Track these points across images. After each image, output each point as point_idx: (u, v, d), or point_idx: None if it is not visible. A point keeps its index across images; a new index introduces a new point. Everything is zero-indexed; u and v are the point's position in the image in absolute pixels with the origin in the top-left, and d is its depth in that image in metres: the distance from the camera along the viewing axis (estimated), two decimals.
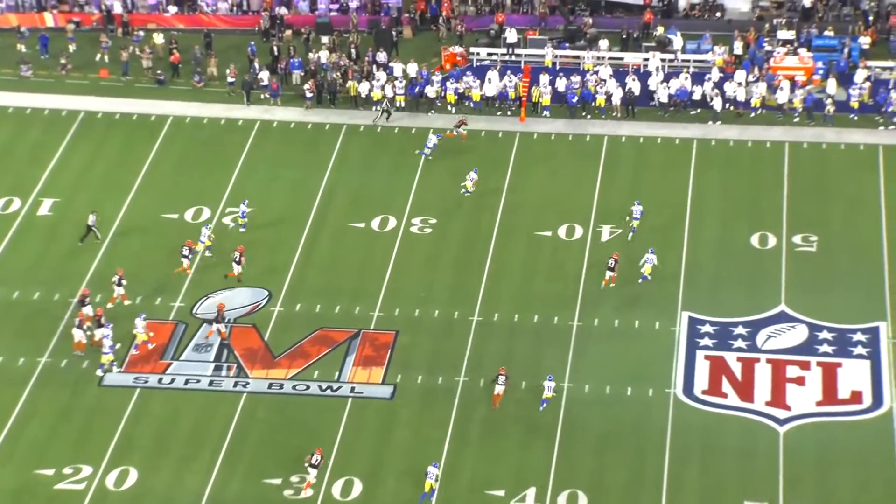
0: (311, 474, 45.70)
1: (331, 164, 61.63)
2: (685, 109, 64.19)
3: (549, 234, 57.20)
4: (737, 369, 50.35)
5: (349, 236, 57.49)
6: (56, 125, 64.35)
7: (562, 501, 45.36)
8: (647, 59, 66.44)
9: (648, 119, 64.02)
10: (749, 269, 54.98)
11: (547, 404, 48.60)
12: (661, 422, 48.07)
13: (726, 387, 49.61)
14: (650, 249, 54.35)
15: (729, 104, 63.82)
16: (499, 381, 48.88)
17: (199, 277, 55.05)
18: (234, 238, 56.58)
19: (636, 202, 57.02)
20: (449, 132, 62.42)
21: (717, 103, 63.60)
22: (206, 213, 58.53)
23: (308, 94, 65.03)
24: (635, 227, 56.38)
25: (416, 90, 65.28)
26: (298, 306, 53.84)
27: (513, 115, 64.75)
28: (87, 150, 62.90)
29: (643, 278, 53.90)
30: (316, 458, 45.78)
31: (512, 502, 45.45)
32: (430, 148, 61.17)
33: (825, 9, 70.71)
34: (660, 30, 69.08)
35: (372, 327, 52.77)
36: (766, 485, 45.86)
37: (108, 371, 50.46)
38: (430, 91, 64.93)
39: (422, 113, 64.83)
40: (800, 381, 49.80)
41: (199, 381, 50.53)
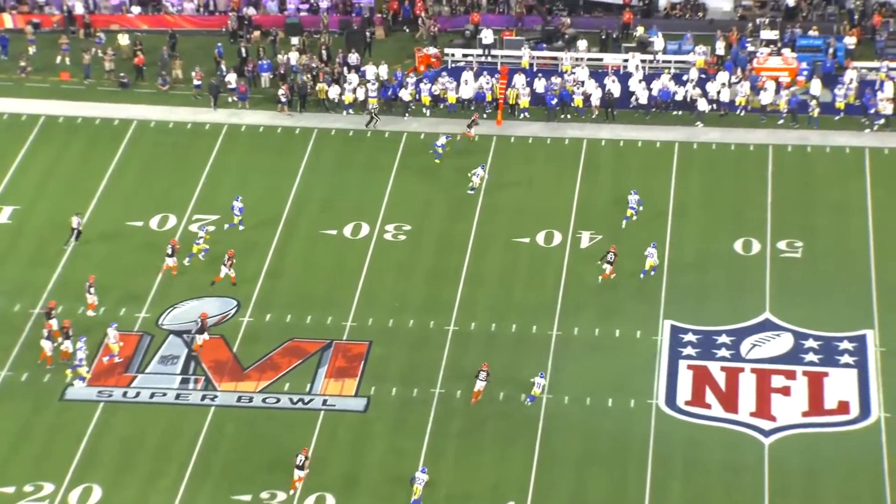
0: (297, 475, 45.97)
1: (301, 170, 61.58)
2: (668, 111, 64.43)
3: (527, 240, 57.27)
4: (721, 379, 50.47)
5: (321, 244, 57.43)
6: (15, 130, 64.08)
7: None
8: (626, 60, 66.64)
9: (629, 121, 64.20)
10: (733, 276, 55.16)
11: (532, 401, 48.84)
12: (643, 434, 48.15)
13: (710, 397, 49.72)
14: (652, 244, 54.68)
15: (713, 104, 64.03)
16: (479, 377, 49.10)
17: (166, 287, 54.91)
18: (230, 240, 56.46)
19: (633, 191, 57.51)
20: (465, 131, 62.44)
21: (701, 104, 63.84)
22: (172, 221, 58.39)
23: (283, 99, 64.88)
24: (629, 216, 57.05)
25: (390, 93, 65.31)
26: (268, 316, 53.75)
27: (489, 118, 64.84)
28: (48, 155, 62.65)
29: (644, 273, 54.24)
30: (300, 459, 45.97)
31: None
32: (441, 147, 61.14)
33: (809, 8, 70.99)
34: (640, 30, 69.31)
35: (344, 338, 52.71)
36: (751, 498, 45.93)
37: (70, 384, 50.24)
38: (404, 94, 64.98)
39: (396, 116, 64.86)
40: (785, 391, 49.95)
41: (165, 395, 50.38)
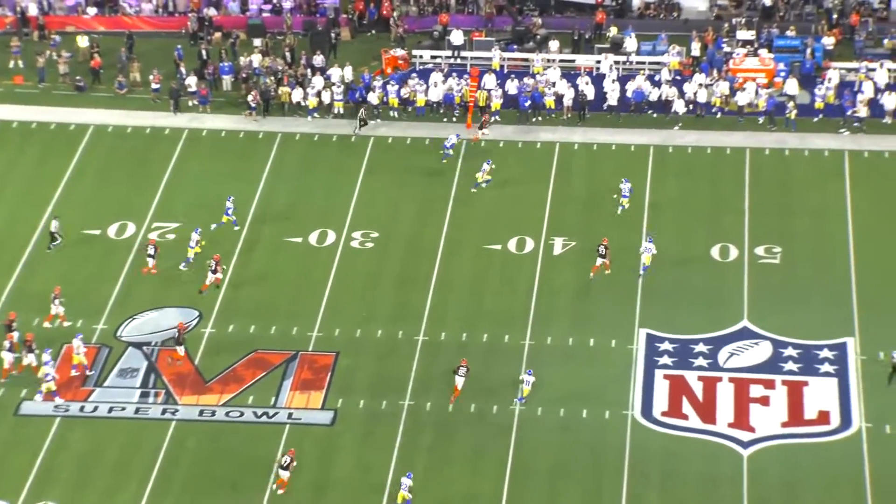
0: (284, 475, 46.22)
1: (265, 176, 61.48)
2: (643, 112, 64.56)
3: (498, 247, 57.35)
4: (698, 389, 50.63)
5: (285, 252, 57.35)
6: None
7: None
8: (599, 62, 66.82)
9: (602, 124, 64.36)
10: (710, 282, 55.35)
11: (523, 402, 49.14)
12: (619, 446, 48.24)
13: (687, 408, 49.88)
14: (648, 238, 54.83)
15: (690, 105, 64.19)
16: (459, 373, 49.38)
17: (124, 297, 54.73)
18: (224, 241, 56.58)
19: (624, 179, 57.92)
20: (475, 135, 62.51)
21: (678, 105, 64.02)
22: (130, 229, 58.21)
23: (252, 104, 64.61)
24: (623, 205, 57.76)
25: (357, 95, 65.27)
26: (231, 327, 53.64)
27: (458, 122, 64.91)
28: (1, 161, 62.38)
29: (644, 269, 54.65)
30: (285, 460, 46.17)
31: None
32: (450, 147, 61.22)
33: (786, 7, 71.35)
34: (613, 30, 69.51)
35: (310, 349, 52.65)
36: None
37: (29, 398, 50.13)
38: (372, 98, 64.83)
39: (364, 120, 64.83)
40: (764, 401, 50.14)
41: (124, 409, 50.19)
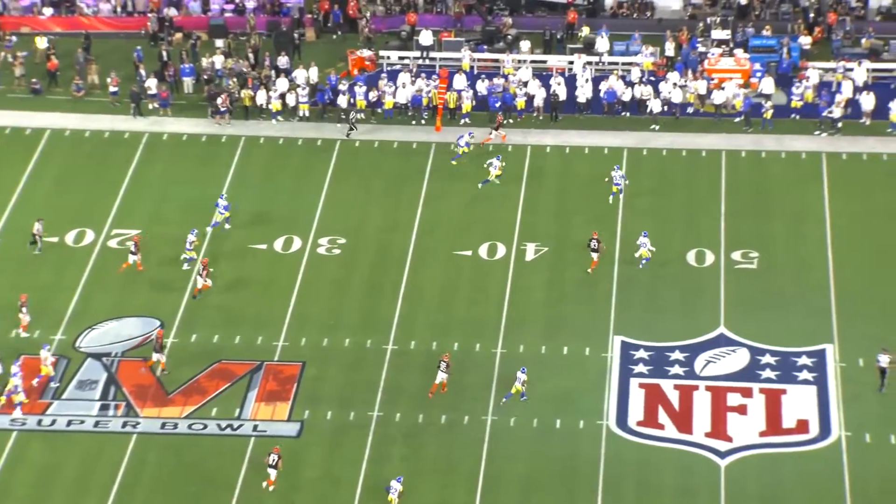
0: (272, 474, 46.48)
1: (228, 180, 61.45)
2: (617, 113, 64.76)
3: (468, 253, 57.46)
4: (674, 398, 50.83)
5: (250, 259, 57.33)
6: None
7: None
8: (571, 62, 67.04)
9: (575, 126, 64.56)
10: (685, 288, 55.57)
11: (510, 398, 49.54)
12: (593, 456, 48.36)
13: (663, 417, 50.07)
14: (643, 233, 55.28)
15: (665, 106, 64.42)
16: (441, 368, 49.71)
17: (83, 307, 54.62)
18: (217, 243, 56.54)
19: (616, 167, 58.69)
20: (486, 136, 62.64)
21: (654, 105, 64.26)
22: (89, 236, 58.10)
23: (222, 109, 64.47)
24: (615, 192, 58.64)
25: (326, 97, 65.26)
26: (194, 337, 53.59)
27: (427, 124, 65.02)
28: None
29: (643, 263, 55.31)
30: (273, 458, 46.37)
31: None
32: (466, 146, 61.31)
33: (762, 6, 71.75)
34: (585, 30, 69.73)
35: (276, 359, 52.65)
36: None
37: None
38: (341, 101, 64.75)
39: (330, 123, 64.80)
40: (741, 409, 50.35)
41: (83, 422, 50.07)
